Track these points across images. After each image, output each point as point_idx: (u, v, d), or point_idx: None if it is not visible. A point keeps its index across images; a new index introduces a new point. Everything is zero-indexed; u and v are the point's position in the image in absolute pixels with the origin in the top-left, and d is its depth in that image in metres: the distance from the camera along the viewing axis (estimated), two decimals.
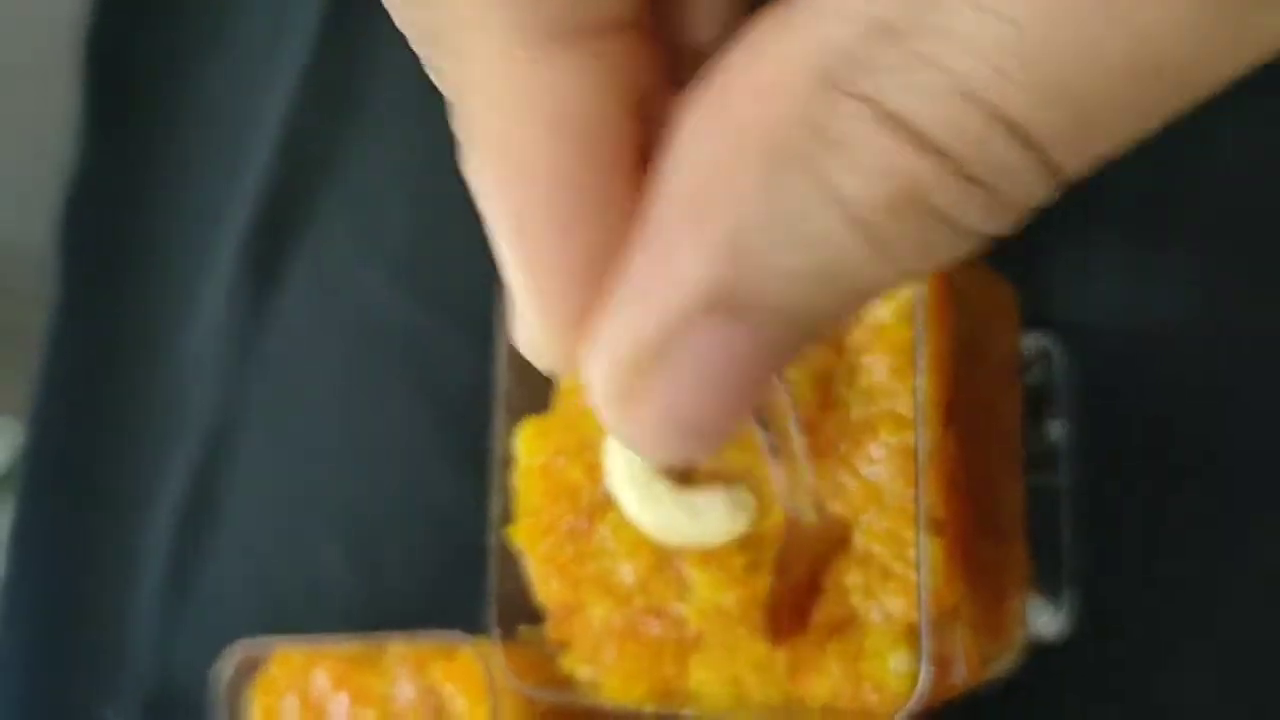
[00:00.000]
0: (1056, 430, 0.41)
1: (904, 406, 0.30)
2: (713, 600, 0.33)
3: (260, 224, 0.63)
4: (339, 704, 0.39)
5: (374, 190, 0.60)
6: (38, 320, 0.71)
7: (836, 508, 0.32)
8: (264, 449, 0.62)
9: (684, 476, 0.33)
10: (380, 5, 0.19)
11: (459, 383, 0.55)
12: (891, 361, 0.31)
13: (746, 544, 0.33)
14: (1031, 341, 0.42)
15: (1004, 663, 0.35)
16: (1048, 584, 0.40)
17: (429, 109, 0.60)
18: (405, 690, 0.38)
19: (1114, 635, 0.40)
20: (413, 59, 0.19)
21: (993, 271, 0.37)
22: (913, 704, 0.28)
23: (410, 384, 0.58)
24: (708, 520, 0.33)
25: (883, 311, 0.31)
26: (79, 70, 0.70)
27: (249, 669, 0.41)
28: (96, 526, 0.67)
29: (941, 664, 0.30)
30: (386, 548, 0.56)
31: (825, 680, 0.31)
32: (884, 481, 0.31)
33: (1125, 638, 0.40)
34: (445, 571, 0.52)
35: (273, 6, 0.63)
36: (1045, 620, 0.40)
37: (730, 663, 0.33)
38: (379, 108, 0.61)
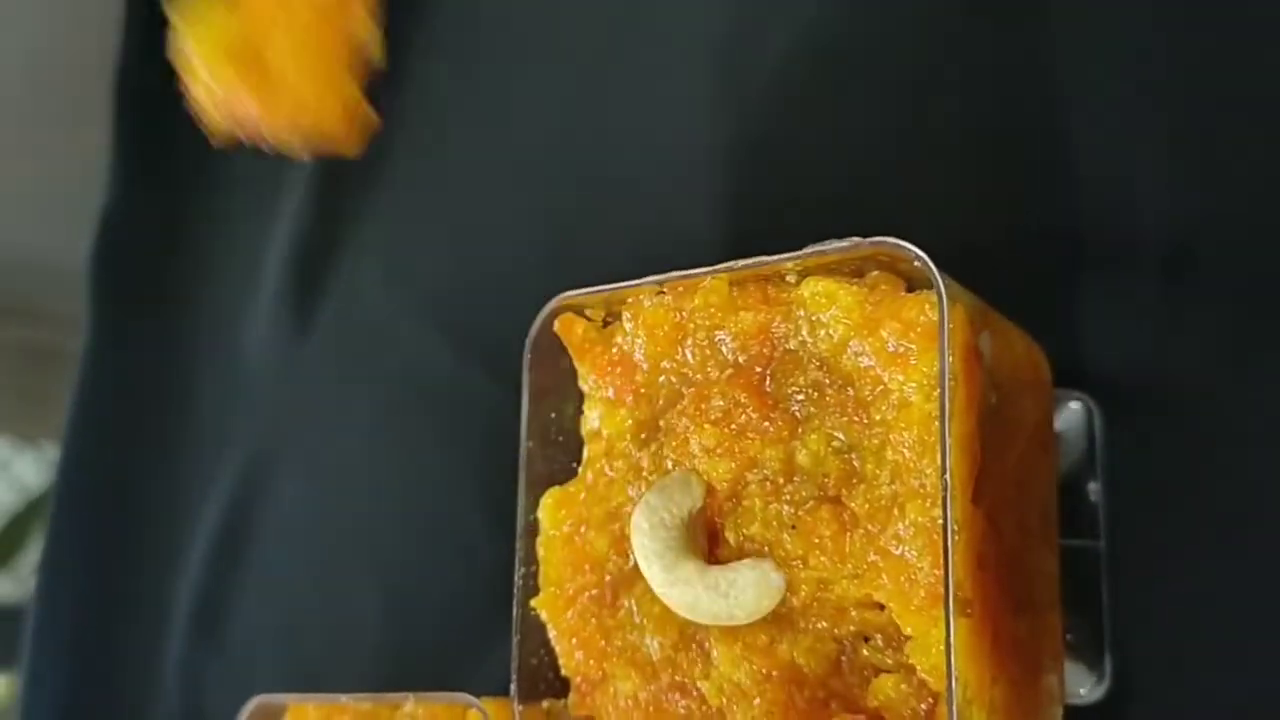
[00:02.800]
0: (1095, 491, 0.40)
1: (931, 482, 0.30)
2: (732, 677, 0.32)
3: (294, 267, 0.63)
4: None
5: (405, 235, 0.61)
6: (70, 344, 0.72)
7: (867, 587, 0.31)
8: (297, 493, 0.63)
9: (711, 552, 0.33)
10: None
11: (490, 429, 0.55)
12: (917, 437, 0.30)
13: (770, 620, 0.32)
14: (1066, 401, 0.41)
15: None
16: (1086, 649, 0.39)
17: (460, 151, 0.61)
18: None
19: (1151, 699, 0.39)
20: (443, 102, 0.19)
21: (1026, 338, 0.36)
22: None
23: (442, 429, 0.58)
24: (735, 599, 0.32)
25: (908, 388, 0.31)
26: (113, 106, 0.71)
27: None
28: (127, 568, 0.68)
29: None
30: (416, 597, 0.56)
31: None
32: (911, 561, 0.30)
33: (1161, 700, 0.38)
34: (476, 625, 0.52)
35: None
36: (1084, 687, 0.39)
37: None
38: (409, 150, 0.61)
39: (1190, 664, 0.38)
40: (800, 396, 0.33)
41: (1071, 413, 0.40)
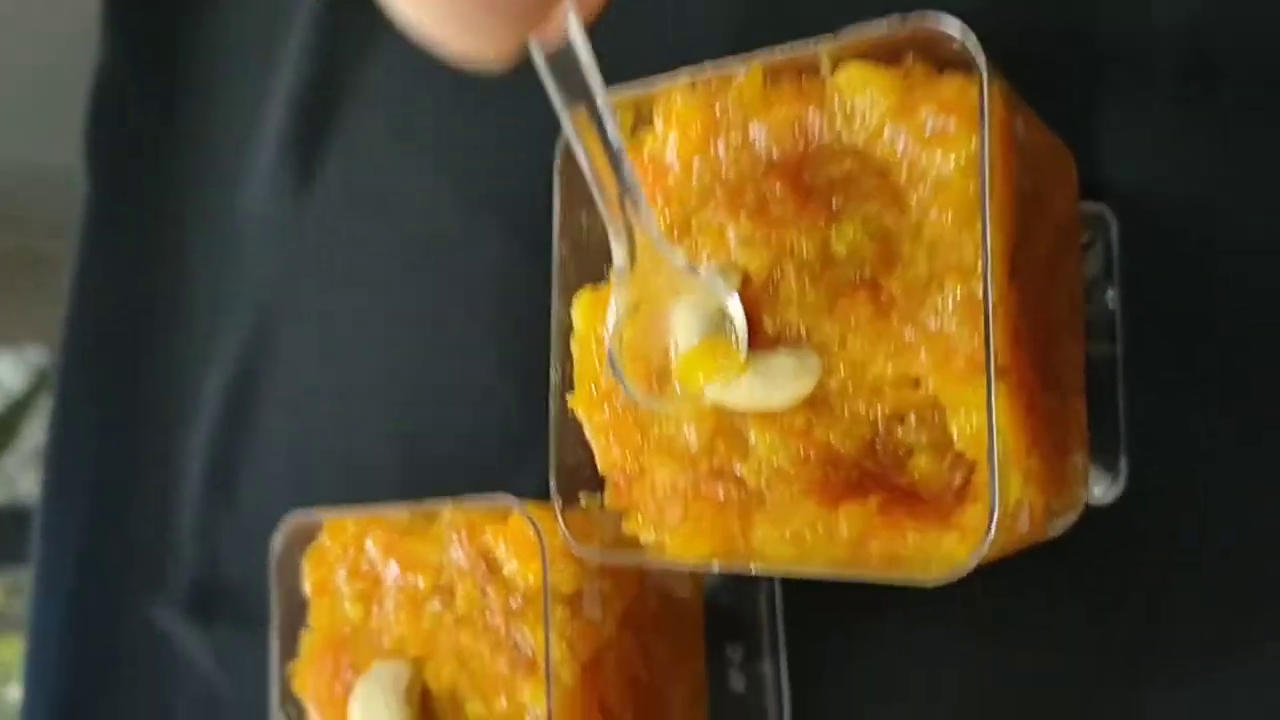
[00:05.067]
0: (1112, 299, 0.41)
1: (969, 257, 0.30)
2: (771, 460, 0.33)
3: (295, 120, 0.62)
4: (390, 571, 0.39)
5: (410, 85, 0.60)
6: (49, 248, 0.71)
7: (903, 364, 0.32)
8: (305, 352, 0.63)
9: (749, 341, 0.34)
10: None
11: (503, 281, 0.55)
12: (956, 214, 0.31)
13: (807, 404, 0.33)
14: (1087, 210, 0.41)
15: (1065, 520, 0.35)
16: (1103, 450, 0.40)
17: None
18: (457, 555, 0.38)
19: (1163, 500, 0.40)
20: None
21: (1051, 133, 0.36)
22: (984, 548, 0.29)
23: (453, 282, 0.57)
24: (775, 383, 0.33)
25: (946, 166, 0.31)
26: None
27: (302, 542, 0.42)
28: (138, 427, 0.68)
29: (1007, 514, 0.30)
30: (432, 449, 0.57)
31: (882, 537, 0.32)
32: (950, 331, 0.30)
33: (1174, 502, 0.40)
34: (483, 445, 0.53)
35: None
36: (1101, 486, 0.40)
37: (790, 521, 0.33)
38: None
39: (1202, 466, 0.40)
40: (836, 187, 0.33)
41: (1092, 222, 0.41)
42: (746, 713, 0.45)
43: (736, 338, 0.33)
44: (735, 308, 0.33)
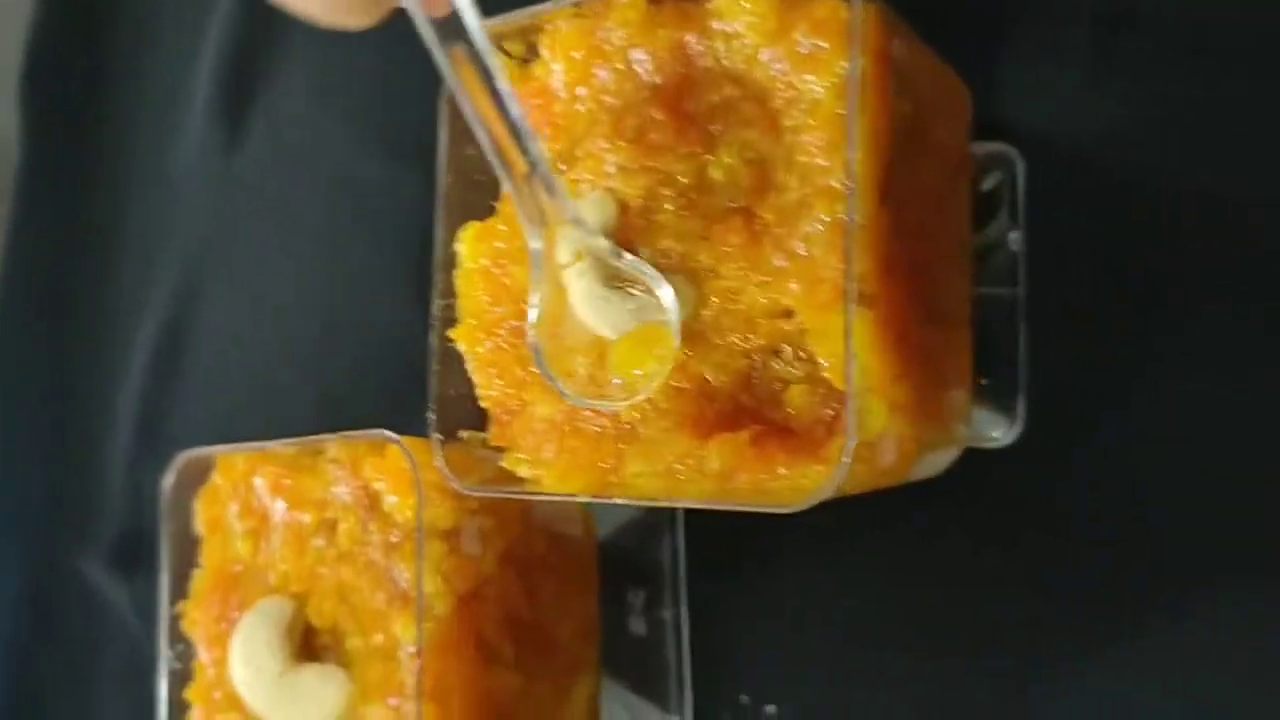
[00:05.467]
0: (1016, 240, 0.40)
1: (839, 182, 0.30)
2: None
3: (223, 79, 0.62)
4: (277, 508, 0.39)
5: (327, 41, 0.59)
6: None
7: (775, 293, 0.31)
8: (233, 303, 0.62)
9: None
10: None
11: (426, 231, 0.55)
12: (826, 138, 0.30)
13: (683, 335, 0.32)
14: (993, 150, 0.41)
15: (944, 456, 0.35)
16: (1001, 393, 0.40)
17: None
18: (341, 491, 0.38)
19: (1061, 442, 0.39)
20: None
21: (947, 66, 0.36)
22: (837, 475, 0.28)
23: (375, 234, 0.57)
24: (624, 309, 0.32)
25: (817, 88, 0.30)
26: None
27: (195, 480, 0.41)
28: (70, 381, 0.67)
29: (867, 444, 0.30)
30: (351, 398, 0.56)
31: (752, 470, 0.31)
32: (818, 257, 0.30)
33: (1072, 444, 0.39)
34: (394, 385, 0.52)
35: None
36: (997, 429, 0.40)
37: (662, 455, 0.32)
38: None
39: (1098, 408, 0.39)
40: (716, 113, 0.33)
41: (998, 162, 0.40)
42: (646, 657, 0.44)
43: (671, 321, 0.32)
44: (668, 296, 0.32)
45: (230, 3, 0.62)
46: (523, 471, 0.35)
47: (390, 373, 0.55)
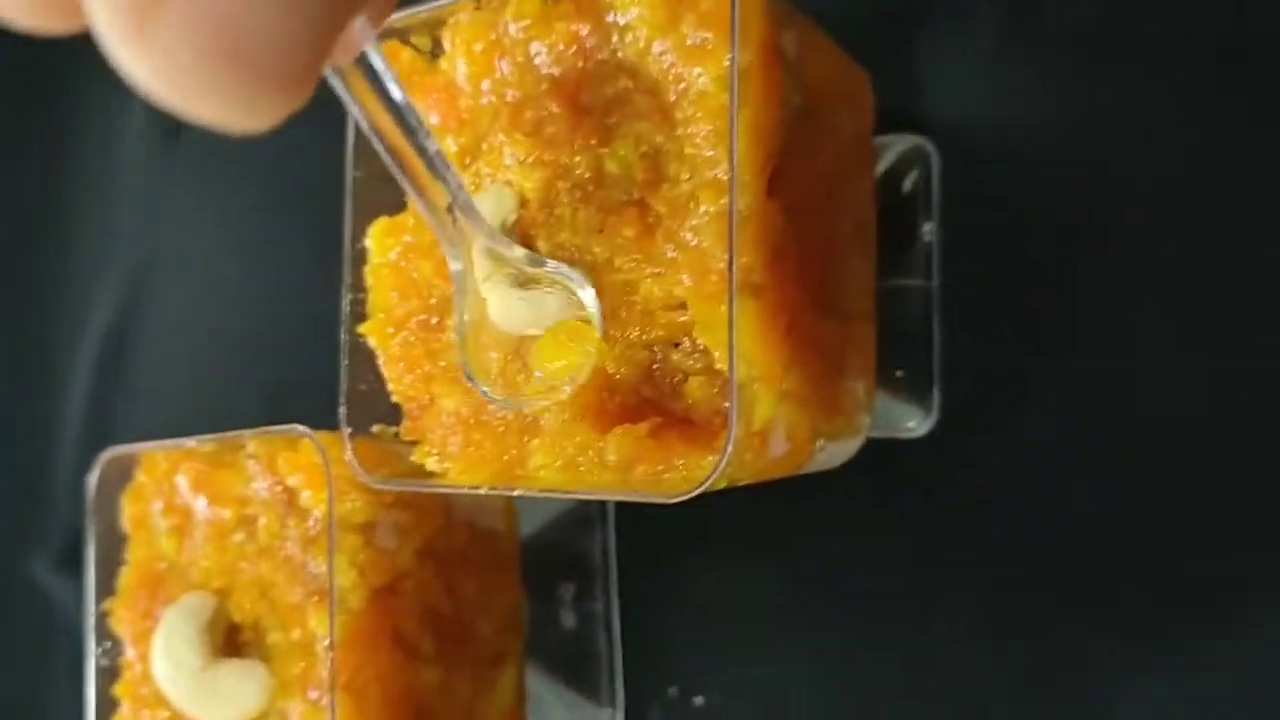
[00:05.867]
0: (930, 231, 0.41)
1: (724, 173, 0.30)
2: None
3: None
4: (199, 504, 0.39)
5: None
6: None
7: (668, 285, 0.31)
8: (178, 298, 0.62)
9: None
10: None
11: None
12: (712, 128, 0.30)
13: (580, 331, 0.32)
14: (908, 142, 0.41)
15: (844, 446, 0.35)
16: (916, 385, 0.40)
17: None
18: (259, 486, 0.38)
19: (975, 432, 0.40)
20: None
21: (846, 56, 0.36)
22: (721, 464, 0.28)
23: (315, 219, 0.57)
24: (544, 310, 0.32)
25: (704, 79, 0.31)
26: None
27: (122, 478, 0.42)
28: (16, 382, 0.67)
29: (760, 433, 0.30)
30: (294, 391, 0.56)
31: (650, 461, 0.31)
32: (706, 248, 0.30)
33: (986, 434, 0.40)
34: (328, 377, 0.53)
35: None
36: (913, 420, 0.40)
37: (564, 447, 0.33)
38: None
39: (1013, 399, 0.39)
40: (612, 106, 0.33)
41: (909, 154, 0.41)
42: (577, 649, 0.45)
43: (592, 317, 0.32)
44: (589, 297, 0.32)
45: None
46: (431, 465, 0.35)
47: (335, 365, 0.56)
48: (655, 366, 0.33)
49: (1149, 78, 0.38)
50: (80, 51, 0.60)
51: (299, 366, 0.57)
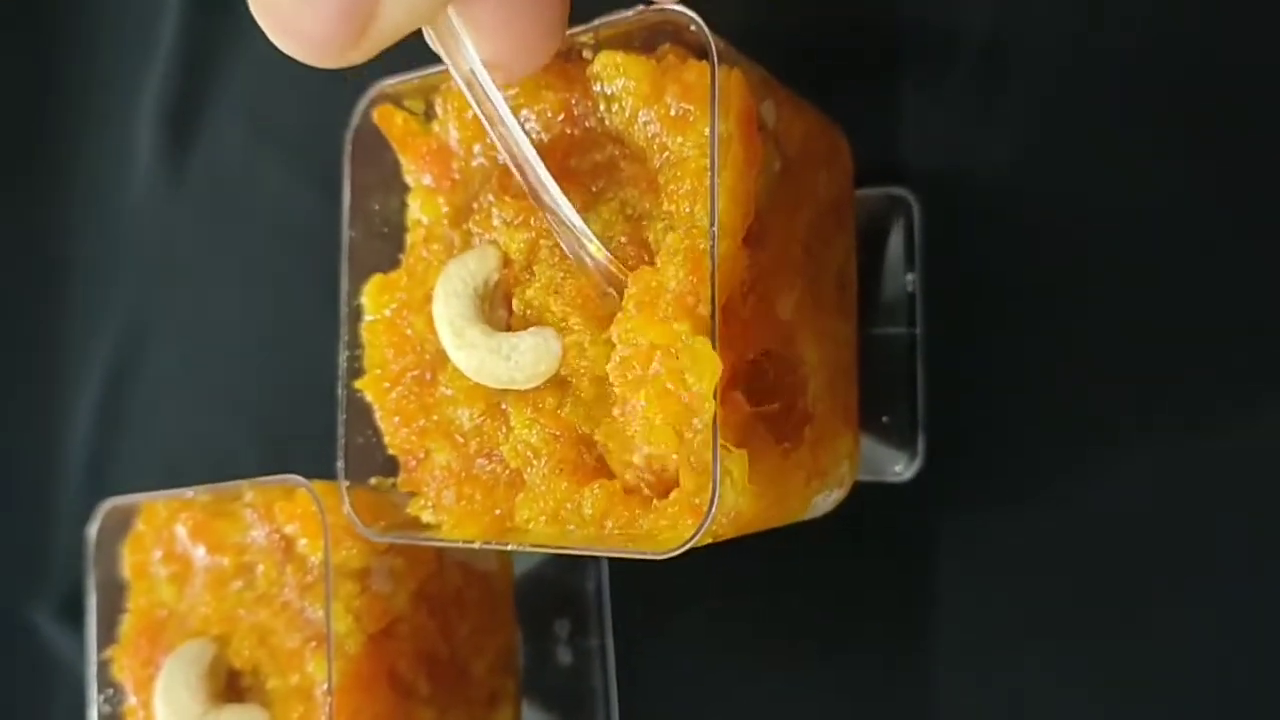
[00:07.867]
0: (912, 281, 0.42)
1: (700, 226, 0.31)
2: (527, 441, 0.34)
3: (164, 126, 0.63)
4: (198, 553, 0.40)
5: (265, 81, 0.60)
6: None
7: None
8: (177, 351, 0.63)
9: (497, 322, 0.34)
10: None
11: None
12: (691, 188, 0.31)
13: (556, 384, 0.33)
14: (889, 194, 0.42)
15: (831, 497, 0.36)
16: (901, 430, 0.41)
17: None
18: (257, 535, 0.39)
19: (959, 477, 0.41)
20: None
21: (824, 120, 0.37)
22: (705, 524, 0.29)
23: (311, 271, 0.58)
24: (516, 362, 0.33)
25: (686, 147, 0.32)
26: None
27: (122, 527, 0.43)
28: (15, 429, 0.68)
29: (726, 507, 0.31)
30: (291, 414, 0.57)
31: (619, 517, 0.32)
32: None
33: (969, 480, 0.41)
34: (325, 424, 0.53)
35: None
36: (898, 464, 0.41)
37: (545, 501, 0.33)
38: None
39: (996, 443, 0.40)
40: (599, 172, 0.34)
41: (890, 206, 0.42)
42: (573, 686, 0.46)
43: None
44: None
45: (169, 45, 0.63)
46: (426, 517, 0.36)
47: (334, 414, 0.56)
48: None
49: (1123, 125, 0.39)
50: (82, 97, 0.61)
51: (297, 415, 0.58)
